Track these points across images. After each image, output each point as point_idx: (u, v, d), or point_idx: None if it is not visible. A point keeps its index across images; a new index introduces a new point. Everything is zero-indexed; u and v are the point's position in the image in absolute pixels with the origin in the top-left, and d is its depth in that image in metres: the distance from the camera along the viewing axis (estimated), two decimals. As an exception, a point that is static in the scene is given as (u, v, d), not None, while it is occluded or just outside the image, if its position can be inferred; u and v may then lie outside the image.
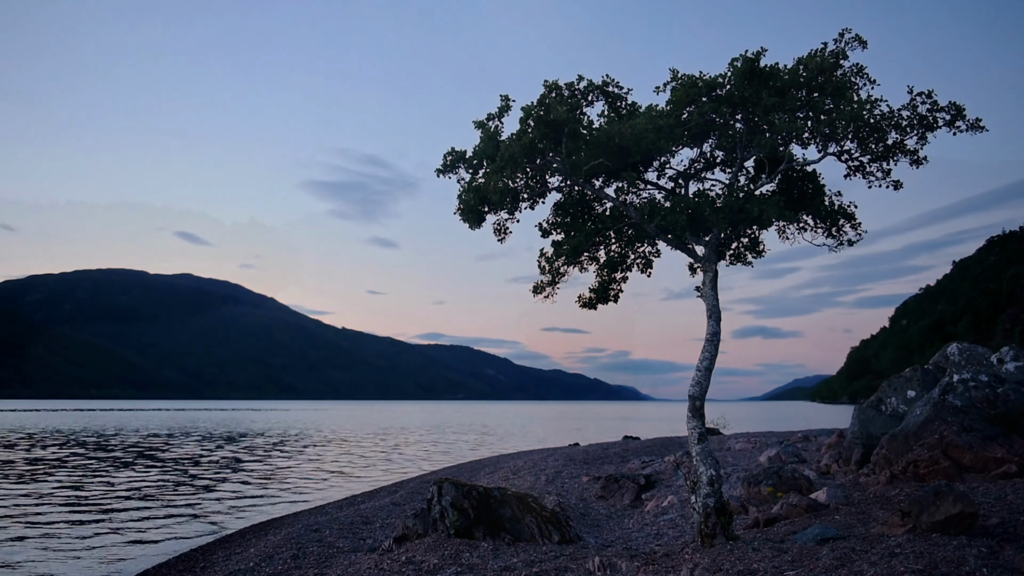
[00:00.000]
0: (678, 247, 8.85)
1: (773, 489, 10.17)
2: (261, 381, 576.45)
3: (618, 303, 10.17)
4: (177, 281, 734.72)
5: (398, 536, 9.57)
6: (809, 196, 9.08)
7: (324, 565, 9.50)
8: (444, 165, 9.23)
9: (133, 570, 11.17)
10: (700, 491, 7.45)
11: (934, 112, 8.37)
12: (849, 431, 12.19)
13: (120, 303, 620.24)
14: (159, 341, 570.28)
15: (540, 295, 9.78)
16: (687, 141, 9.09)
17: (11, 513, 16.11)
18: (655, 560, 7.38)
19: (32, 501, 17.92)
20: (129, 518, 15.70)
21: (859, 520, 7.55)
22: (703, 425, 7.85)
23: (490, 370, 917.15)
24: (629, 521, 11.60)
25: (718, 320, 8.08)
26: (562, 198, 9.70)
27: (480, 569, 7.77)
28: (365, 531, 12.36)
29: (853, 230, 9.14)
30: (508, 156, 8.47)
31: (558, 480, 17.08)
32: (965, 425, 9.10)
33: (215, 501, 18.41)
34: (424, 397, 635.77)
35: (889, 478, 9.46)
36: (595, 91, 9.01)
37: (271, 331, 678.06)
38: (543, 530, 9.26)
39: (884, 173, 8.88)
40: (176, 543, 13.16)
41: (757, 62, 8.52)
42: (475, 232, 9.72)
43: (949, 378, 10.05)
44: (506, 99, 8.78)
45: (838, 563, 5.73)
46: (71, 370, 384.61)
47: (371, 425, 69.25)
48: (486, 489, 9.67)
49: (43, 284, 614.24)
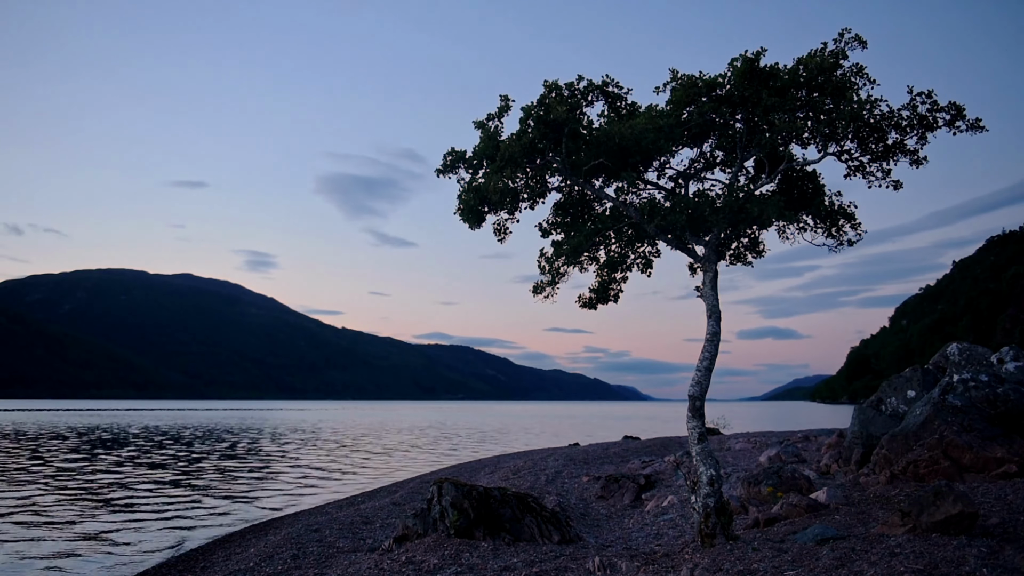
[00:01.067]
0: (678, 247, 8.85)
1: (773, 489, 10.17)
2: (261, 381, 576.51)
3: (618, 303, 10.17)
4: (177, 281, 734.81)
5: (398, 536, 9.57)
6: (809, 196, 9.08)
7: (324, 565, 9.50)
8: (444, 165, 9.23)
9: (133, 570, 11.17)
10: (700, 491, 7.45)
11: (934, 112, 8.38)
12: (849, 431, 12.19)
13: (120, 303, 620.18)
14: (159, 341, 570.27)
15: (540, 295, 9.78)
16: (687, 141, 9.09)
17: (10, 513, 16.11)
18: (655, 560, 7.38)
19: (31, 501, 17.91)
20: (128, 518, 15.70)
21: (859, 520, 7.55)
22: (703, 425, 7.85)
23: (490, 370, 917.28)
24: (629, 521, 11.60)
25: (718, 320, 8.09)
26: (562, 198, 9.70)
27: (480, 569, 7.77)
28: (365, 531, 12.36)
29: (853, 230, 9.15)
30: (508, 156, 8.47)
31: (558, 480, 17.08)
32: (965, 425, 9.09)
33: (215, 501, 18.41)
34: (424, 397, 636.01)
35: (889, 478, 9.46)
36: (595, 91, 9.01)
37: (271, 331, 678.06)
38: (543, 530, 9.26)
39: (884, 173, 8.89)
40: (176, 543, 13.16)
41: (757, 62, 8.53)
42: (475, 231, 9.71)
43: (949, 378, 10.05)
44: (506, 99, 8.78)
45: (838, 563, 5.73)
46: (71, 370, 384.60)
47: (371, 425, 69.26)
48: (486, 489, 9.67)
49: (43, 284, 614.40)
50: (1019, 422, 9.01)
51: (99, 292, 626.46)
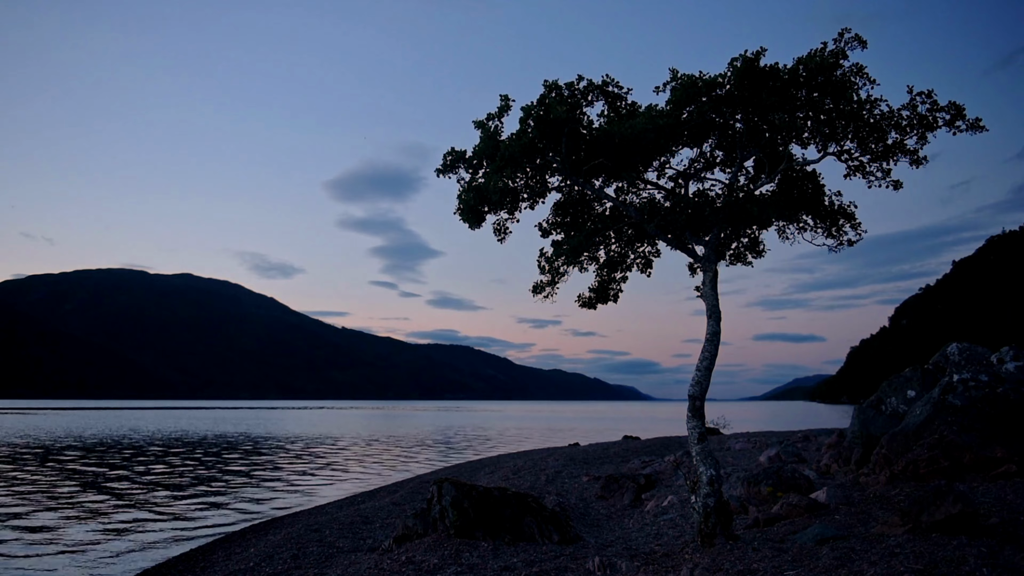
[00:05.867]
0: (678, 247, 8.85)
1: (773, 489, 10.16)
2: (261, 381, 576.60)
3: (618, 303, 10.17)
4: (177, 281, 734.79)
5: (398, 536, 9.57)
6: (809, 196, 9.08)
7: (324, 565, 9.50)
8: (444, 165, 9.22)
9: (133, 570, 11.17)
10: (700, 491, 7.45)
11: (934, 112, 8.37)
12: (849, 431, 12.19)
13: (120, 303, 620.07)
14: (159, 341, 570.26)
15: (540, 295, 9.78)
16: (687, 141, 9.08)
17: (9, 514, 16.11)
18: (655, 560, 7.38)
19: (31, 502, 17.91)
20: (128, 518, 15.70)
21: (859, 520, 7.55)
22: (703, 425, 7.84)
23: (490, 370, 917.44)
24: (629, 521, 11.60)
25: (718, 320, 8.08)
26: (562, 198, 9.70)
27: (480, 569, 7.77)
28: (365, 531, 12.36)
29: (853, 230, 9.14)
30: (508, 156, 8.46)
31: (558, 480, 17.08)
32: (965, 425, 9.09)
33: (215, 501, 18.41)
34: (424, 397, 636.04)
35: (889, 478, 9.45)
36: (595, 91, 9.01)
37: (271, 331, 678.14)
38: (543, 530, 9.26)
39: (884, 173, 8.88)
40: (176, 543, 13.16)
41: (757, 62, 8.52)
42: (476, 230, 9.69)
43: (949, 378, 10.04)
44: (506, 99, 8.78)
45: (838, 563, 5.72)
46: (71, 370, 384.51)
47: (371, 425, 69.24)
48: (486, 489, 9.67)
49: (43, 284, 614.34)
50: (1019, 422, 9.01)
51: (99, 292, 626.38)
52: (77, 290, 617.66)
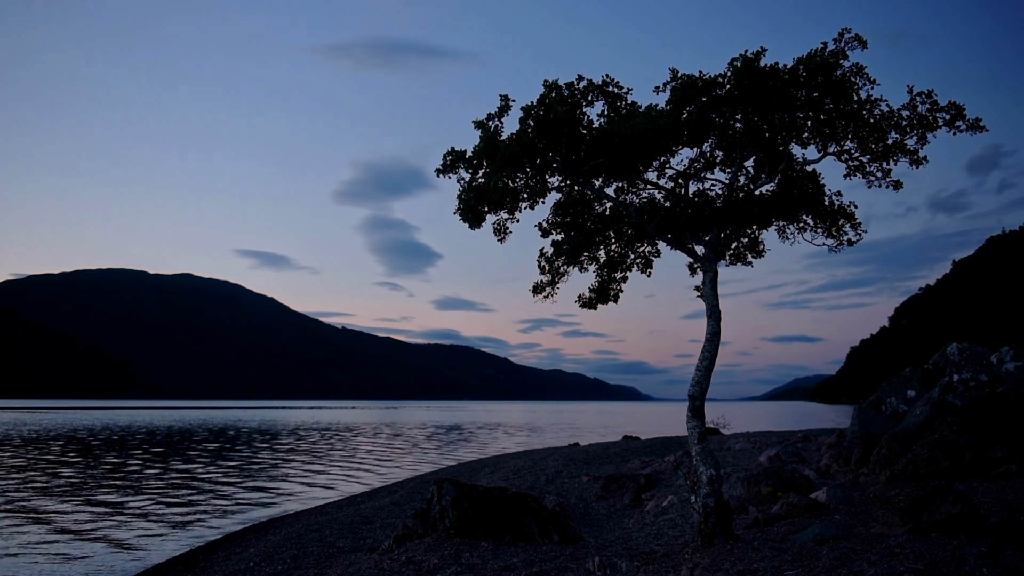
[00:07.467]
0: (678, 247, 8.85)
1: (773, 489, 10.16)
2: (261, 381, 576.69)
3: (619, 303, 10.17)
4: (177, 281, 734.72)
5: (398, 536, 9.57)
6: (809, 196, 9.08)
7: (324, 565, 9.50)
8: (444, 165, 9.22)
9: (133, 570, 11.17)
10: (700, 491, 7.45)
11: (934, 112, 8.37)
12: (849, 431, 12.18)
13: (120, 303, 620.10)
14: (159, 341, 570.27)
15: (540, 295, 9.78)
16: (687, 141, 9.08)
17: (9, 514, 16.11)
18: (655, 560, 7.38)
19: (30, 502, 17.91)
20: (128, 519, 15.70)
21: (859, 520, 7.55)
22: (703, 425, 7.85)
23: (491, 370, 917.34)
24: (629, 521, 11.60)
25: (718, 320, 8.08)
26: (562, 198, 9.69)
27: (480, 569, 7.77)
28: (365, 531, 12.36)
29: (853, 230, 9.15)
30: (508, 156, 8.46)
31: (558, 480, 17.09)
32: (965, 425, 9.09)
33: (215, 501, 18.41)
34: (424, 397, 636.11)
35: (889, 478, 9.45)
36: (595, 91, 9.00)
37: (271, 331, 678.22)
38: (543, 530, 9.26)
39: (884, 173, 8.88)
40: (176, 543, 13.16)
41: (757, 62, 8.52)
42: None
43: (949, 378, 10.04)
44: (506, 99, 8.77)
45: (838, 563, 5.72)
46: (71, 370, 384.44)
47: (371, 425, 69.24)
48: (486, 489, 9.67)
49: (43, 284, 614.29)
50: (1019, 422, 9.01)
51: (99, 292, 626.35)
52: (77, 290, 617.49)
